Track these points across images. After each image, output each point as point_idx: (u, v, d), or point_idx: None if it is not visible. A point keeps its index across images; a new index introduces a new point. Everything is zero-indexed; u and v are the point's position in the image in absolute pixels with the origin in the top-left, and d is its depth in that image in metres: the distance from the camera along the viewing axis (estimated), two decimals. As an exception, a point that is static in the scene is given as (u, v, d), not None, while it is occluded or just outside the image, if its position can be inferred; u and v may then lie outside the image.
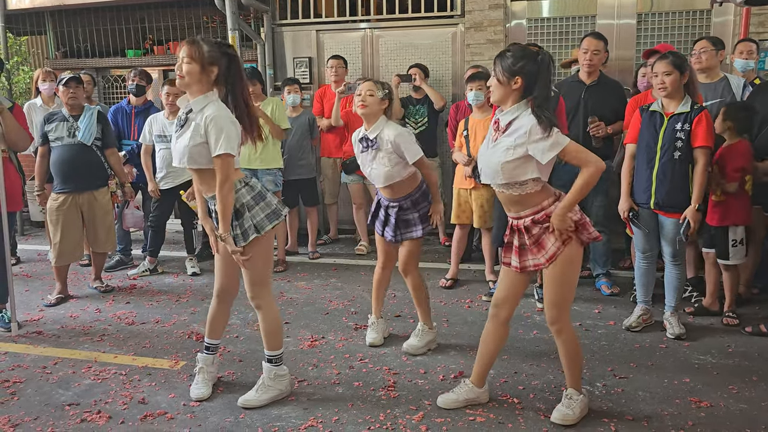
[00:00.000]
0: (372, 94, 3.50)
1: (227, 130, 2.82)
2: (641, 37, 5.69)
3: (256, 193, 2.99)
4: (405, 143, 3.46)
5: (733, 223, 3.91)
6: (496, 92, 2.76)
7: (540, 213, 2.76)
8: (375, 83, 3.55)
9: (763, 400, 3.08)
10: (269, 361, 3.12)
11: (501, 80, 2.71)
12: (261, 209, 2.97)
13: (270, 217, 2.98)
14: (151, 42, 7.67)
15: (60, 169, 4.63)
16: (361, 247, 5.93)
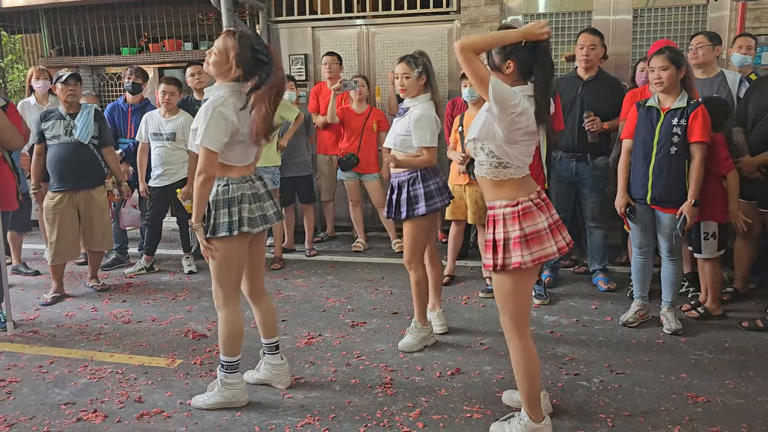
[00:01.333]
0: (408, 76, 3.50)
1: (213, 124, 2.76)
2: (638, 32, 5.68)
3: (252, 193, 2.96)
4: (418, 126, 3.46)
5: (708, 220, 3.90)
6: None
7: (490, 212, 2.60)
8: (408, 62, 3.50)
9: (760, 395, 3.08)
10: (221, 366, 3.05)
11: (492, 65, 2.55)
12: (249, 210, 2.92)
13: (251, 221, 2.93)
14: (146, 39, 7.65)
15: (56, 167, 4.61)
16: (358, 244, 5.92)
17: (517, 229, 2.51)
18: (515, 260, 2.49)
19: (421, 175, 3.56)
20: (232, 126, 2.81)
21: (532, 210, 2.55)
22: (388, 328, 4.00)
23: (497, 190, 2.59)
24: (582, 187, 4.64)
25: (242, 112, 2.85)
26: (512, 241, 2.51)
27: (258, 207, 2.98)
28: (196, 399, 3.09)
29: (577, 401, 3.05)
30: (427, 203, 3.53)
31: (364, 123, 5.71)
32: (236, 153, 2.91)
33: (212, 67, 2.87)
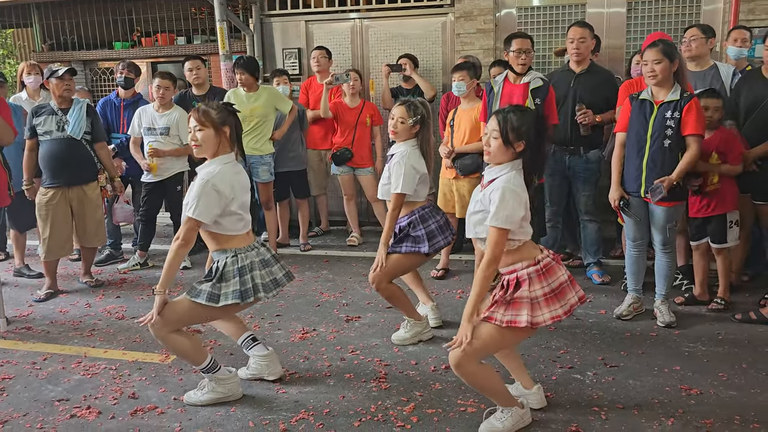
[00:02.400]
0: (403, 121, 3.53)
1: (204, 196, 2.84)
2: (631, 25, 5.67)
3: (260, 260, 3.00)
4: (400, 170, 3.48)
5: (730, 210, 3.95)
6: (497, 154, 2.63)
7: (512, 275, 2.63)
8: (408, 108, 3.54)
9: (753, 387, 3.10)
10: (203, 372, 3.06)
11: (506, 141, 2.59)
12: (260, 276, 2.97)
13: (265, 287, 2.98)
14: (139, 34, 7.61)
15: (49, 163, 4.58)
16: (352, 239, 5.91)
17: (545, 286, 2.60)
18: (551, 315, 2.57)
19: (419, 216, 3.57)
20: (226, 199, 2.88)
21: (552, 266, 2.64)
22: (383, 322, 4.00)
23: (512, 256, 2.64)
24: (575, 181, 4.64)
25: (237, 179, 2.95)
26: (542, 299, 2.58)
27: (268, 272, 3.03)
28: (189, 395, 3.09)
29: (571, 394, 3.06)
30: (430, 242, 3.54)
31: (357, 117, 5.69)
32: (237, 222, 2.97)
33: (204, 144, 2.92)
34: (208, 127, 2.91)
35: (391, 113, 3.60)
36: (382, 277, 3.56)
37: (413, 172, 3.50)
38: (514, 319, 2.56)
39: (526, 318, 2.55)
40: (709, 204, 3.97)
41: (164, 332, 2.92)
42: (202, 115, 2.92)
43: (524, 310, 2.56)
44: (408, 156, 3.50)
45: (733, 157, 3.88)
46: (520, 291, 2.59)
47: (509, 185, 2.56)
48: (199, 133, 2.91)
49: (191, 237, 2.90)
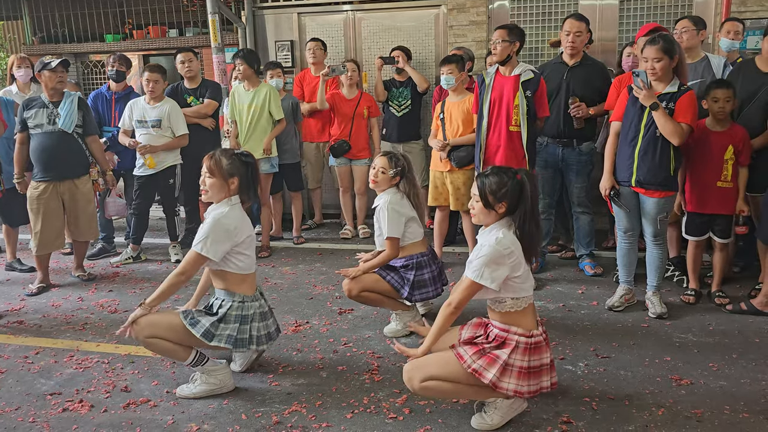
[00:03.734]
0: (384, 172, 3.64)
1: (213, 234, 2.94)
2: (624, 17, 5.67)
3: (260, 312, 3.09)
4: (384, 216, 3.58)
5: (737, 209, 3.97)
6: (481, 216, 2.69)
7: (503, 333, 2.64)
8: (389, 160, 3.65)
9: (743, 377, 3.12)
10: (191, 366, 3.08)
11: (486, 204, 2.64)
12: (257, 329, 3.05)
13: (258, 339, 3.06)
14: (131, 26, 7.56)
15: (40, 157, 4.56)
16: (346, 231, 5.91)
17: (526, 360, 2.60)
18: (515, 388, 2.58)
19: (416, 263, 3.63)
20: (233, 236, 2.97)
21: (541, 346, 2.65)
22: (375, 314, 4.01)
23: (511, 317, 2.67)
24: (568, 173, 4.65)
25: (243, 216, 3.07)
26: (516, 369, 2.59)
27: (264, 326, 3.11)
28: (182, 389, 3.09)
29: (563, 385, 3.07)
30: (416, 290, 3.61)
31: (354, 109, 5.68)
32: (245, 261, 3.06)
33: (210, 190, 3.03)
34: (216, 177, 3.01)
35: (373, 163, 3.71)
36: (354, 287, 3.61)
37: (397, 215, 3.59)
38: (481, 371, 2.58)
39: (491, 377, 2.57)
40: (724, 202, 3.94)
41: (143, 335, 2.95)
42: (213, 164, 3.02)
43: (494, 369, 2.58)
44: (389, 202, 3.60)
45: (745, 157, 3.89)
46: (501, 351, 2.61)
47: (496, 245, 2.59)
48: (208, 180, 3.02)
49: (192, 271, 3.00)
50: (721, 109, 3.84)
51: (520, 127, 4.14)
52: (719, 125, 3.90)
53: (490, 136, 4.24)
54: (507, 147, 4.16)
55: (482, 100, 4.25)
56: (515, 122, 4.14)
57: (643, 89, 3.62)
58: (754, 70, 4.09)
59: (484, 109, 4.23)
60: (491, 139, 4.23)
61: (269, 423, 2.82)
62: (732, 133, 3.89)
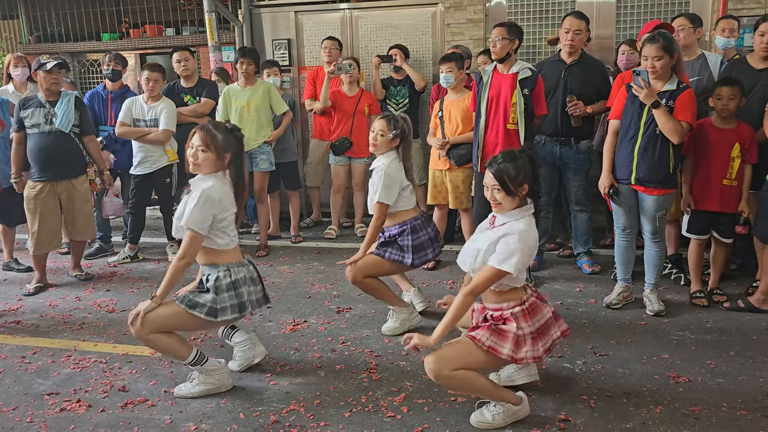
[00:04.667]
0: (383, 134, 3.59)
1: (199, 208, 2.88)
2: (621, 15, 5.67)
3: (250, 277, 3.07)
4: (378, 179, 3.55)
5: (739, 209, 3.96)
6: (507, 205, 2.66)
7: (498, 312, 2.69)
8: (388, 122, 3.60)
9: (740, 375, 3.13)
10: (190, 366, 3.07)
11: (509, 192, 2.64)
12: (248, 293, 3.03)
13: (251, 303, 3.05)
14: (127, 25, 7.56)
15: (37, 157, 4.55)
16: (330, 231, 5.89)
17: (531, 324, 2.65)
18: (533, 354, 2.62)
19: (411, 227, 3.61)
20: (218, 207, 2.92)
21: (537, 304, 2.69)
22: (374, 313, 4.00)
23: (500, 296, 2.70)
24: (566, 171, 4.65)
25: (228, 191, 3.00)
26: (529, 336, 2.63)
27: (255, 290, 3.09)
28: (179, 388, 3.08)
29: (561, 383, 3.08)
30: (416, 255, 3.59)
31: (355, 106, 5.67)
32: (224, 237, 3.00)
33: (203, 164, 2.95)
34: (211, 152, 2.94)
35: (372, 126, 3.67)
36: (358, 273, 3.60)
37: (392, 181, 3.56)
38: (496, 347, 2.61)
39: (507, 351, 2.60)
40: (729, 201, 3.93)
41: (145, 333, 2.93)
42: (209, 137, 2.93)
43: (508, 344, 2.60)
44: (387, 166, 3.57)
45: (752, 155, 3.88)
46: (508, 326, 2.63)
47: (529, 234, 2.61)
48: (201, 153, 2.94)
49: (192, 251, 2.93)
50: (725, 106, 3.82)
51: (517, 125, 4.13)
52: (725, 123, 3.88)
53: (487, 134, 4.24)
54: (505, 145, 4.15)
55: (480, 98, 4.24)
56: (513, 120, 4.13)
57: (644, 88, 3.62)
58: (747, 67, 4.09)
59: (482, 107, 4.23)
60: (489, 137, 4.23)
61: (267, 422, 2.82)
62: (739, 131, 3.87)
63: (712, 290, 4.08)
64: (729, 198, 3.93)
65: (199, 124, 5.23)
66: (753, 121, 3.96)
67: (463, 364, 2.63)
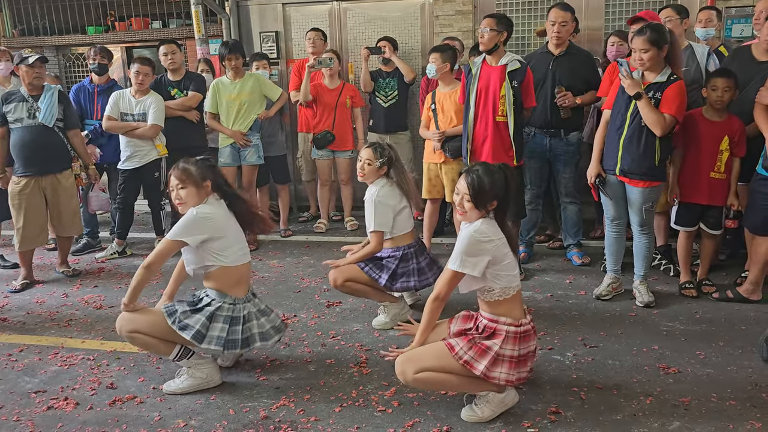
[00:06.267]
0: (370, 163, 3.61)
1: (186, 221, 2.94)
2: (610, 6, 5.66)
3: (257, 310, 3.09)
4: (370, 209, 3.57)
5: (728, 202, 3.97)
6: (472, 215, 2.68)
7: (492, 324, 2.65)
8: (374, 151, 3.62)
9: (729, 365, 3.14)
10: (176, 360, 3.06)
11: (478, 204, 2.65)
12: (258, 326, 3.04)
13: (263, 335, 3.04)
14: (113, 18, 7.46)
15: (21, 152, 4.49)
16: (319, 225, 5.86)
17: (516, 349, 2.62)
18: (506, 378, 2.60)
19: (402, 255, 3.61)
20: (214, 226, 2.96)
21: (529, 334, 2.67)
22: (364, 307, 3.99)
23: (500, 307, 2.67)
24: (556, 163, 4.64)
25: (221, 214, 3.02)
26: (507, 359, 2.60)
27: (267, 320, 3.10)
28: (168, 384, 3.06)
29: (551, 375, 3.08)
30: (395, 280, 3.59)
31: (337, 99, 5.64)
32: (237, 252, 3.04)
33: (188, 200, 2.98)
34: (191, 185, 2.97)
35: (360, 155, 3.68)
36: (338, 277, 3.60)
37: (383, 208, 3.56)
38: (472, 362, 2.59)
39: (482, 368, 2.58)
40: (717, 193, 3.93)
41: (128, 329, 2.94)
42: (183, 173, 2.98)
43: (485, 361, 2.58)
44: (377, 194, 3.57)
45: (740, 149, 3.88)
46: (491, 342, 2.62)
47: (474, 233, 2.62)
48: (182, 191, 2.98)
49: (160, 259, 2.96)
50: (719, 98, 3.81)
51: (506, 117, 4.12)
52: (716, 115, 3.87)
53: (477, 127, 4.22)
54: (494, 137, 4.14)
55: (469, 90, 4.23)
56: (502, 112, 4.12)
57: (627, 78, 3.61)
58: (749, 58, 4.04)
59: (471, 100, 4.21)
60: (478, 130, 4.21)
61: (257, 418, 2.80)
62: (729, 124, 3.86)
63: (701, 281, 4.09)
64: (717, 191, 3.92)
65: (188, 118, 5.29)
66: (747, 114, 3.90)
67: (433, 368, 2.62)
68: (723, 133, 3.84)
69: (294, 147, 6.23)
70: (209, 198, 3.04)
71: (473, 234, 2.62)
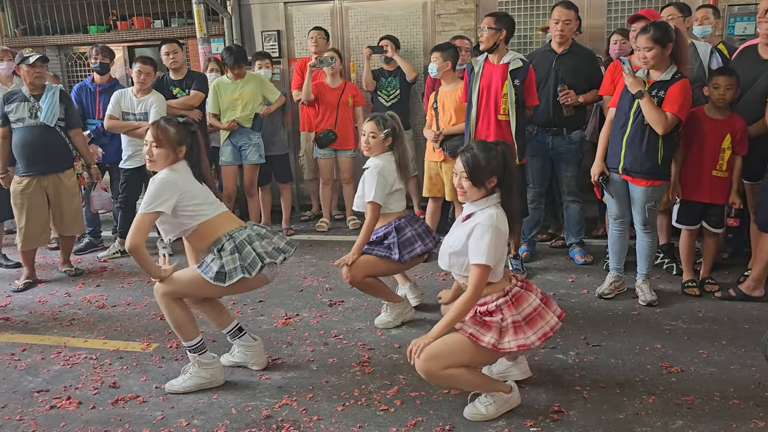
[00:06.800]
0: (374, 135, 3.55)
1: (154, 190, 2.88)
2: (612, 4, 5.65)
3: (257, 233, 3.05)
4: (371, 178, 3.51)
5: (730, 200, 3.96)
6: (471, 194, 2.67)
7: (483, 306, 2.65)
8: (377, 123, 3.56)
9: (732, 364, 3.13)
10: (188, 350, 3.05)
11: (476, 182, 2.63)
12: (261, 246, 2.99)
13: (269, 254, 3.00)
14: (115, 17, 7.47)
15: (23, 151, 4.49)
16: (321, 224, 5.86)
17: (515, 313, 2.62)
18: (517, 343, 2.57)
19: (395, 227, 3.58)
20: (180, 186, 2.91)
21: (521, 294, 2.66)
22: (366, 306, 3.99)
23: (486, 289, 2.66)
24: (558, 162, 4.64)
25: (183, 177, 2.96)
26: (511, 326, 2.60)
27: (268, 242, 3.04)
28: (171, 384, 3.06)
29: (554, 374, 3.08)
30: (405, 250, 3.54)
31: (339, 98, 5.63)
32: (208, 208, 2.99)
33: (158, 161, 2.95)
34: (164, 147, 2.93)
35: (362, 129, 3.63)
36: (356, 273, 3.56)
37: (384, 181, 3.53)
38: (478, 335, 2.59)
39: (489, 339, 2.57)
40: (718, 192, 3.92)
41: (165, 295, 2.94)
42: (160, 133, 2.93)
43: (490, 333, 2.58)
44: (381, 167, 3.54)
45: (742, 147, 3.86)
46: (494, 317, 2.62)
47: (493, 222, 2.59)
48: (155, 149, 2.93)
49: (138, 234, 2.90)
50: (721, 96, 3.79)
51: (508, 116, 4.11)
52: (719, 113, 3.85)
53: (479, 125, 4.21)
54: (496, 136, 4.13)
55: (471, 88, 4.22)
56: (503, 111, 4.11)
57: (629, 76, 3.61)
58: (755, 56, 4.01)
59: (473, 98, 4.21)
60: (480, 128, 4.21)
61: (260, 417, 2.80)
62: (731, 122, 3.84)
63: (703, 279, 4.08)
64: (719, 189, 3.91)
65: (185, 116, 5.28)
66: (755, 111, 3.90)
67: (452, 360, 2.61)
68: (725, 131, 3.83)
69: (296, 146, 6.22)
70: (178, 164, 2.98)
71: (497, 226, 2.58)
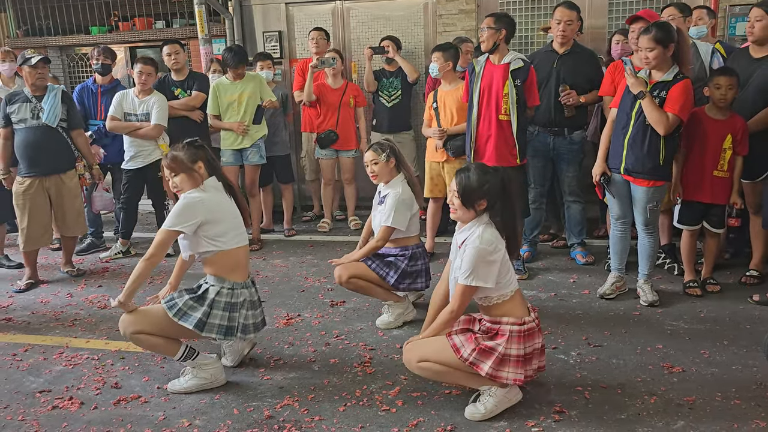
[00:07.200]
0: (376, 162, 3.59)
1: (179, 209, 2.93)
2: (614, 4, 5.65)
3: (251, 300, 3.08)
4: (391, 204, 3.54)
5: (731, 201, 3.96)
6: (461, 214, 2.70)
7: (495, 325, 2.66)
8: (374, 150, 3.60)
9: (734, 364, 3.13)
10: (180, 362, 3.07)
11: (465, 202, 2.66)
12: (245, 317, 3.02)
13: (245, 328, 3.03)
14: (117, 18, 7.48)
15: (25, 152, 4.50)
16: (323, 224, 5.86)
17: (521, 348, 2.63)
18: (514, 377, 2.62)
19: (411, 254, 3.64)
20: (206, 207, 2.95)
21: (534, 332, 2.67)
22: (368, 306, 3.99)
23: (500, 309, 2.69)
24: (560, 162, 4.64)
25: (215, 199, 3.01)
26: (513, 358, 2.62)
27: (253, 315, 3.08)
28: (173, 384, 3.06)
29: (555, 375, 3.07)
30: (404, 279, 3.62)
31: (340, 98, 5.64)
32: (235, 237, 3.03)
33: (182, 186, 3.00)
34: (182, 171, 2.98)
35: (364, 161, 3.67)
36: (343, 273, 3.60)
37: (405, 208, 3.56)
38: (478, 363, 2.61)
39: (487, 369, 2.59)
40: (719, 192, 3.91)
41: (131, 331, 2.94)
42: (171, 162, 2.99)
43: (490, 361, 2.60)
44: (402, 194, 3.57)
45: (742, 147, 3.86)
46: (495, 342, 2.62)
47: (480, 245, 2.60)
48: (176, 179, 2.99)
49: (161, 250, 2.95)
50: (722, 96, 3.78)
51: (509, 116, 4.11)
52: (720, 113, 3.85)
53: (480, 126, 4.21)
54: (497, 136, 4.14)
55: (472, 88, 4.22)
56: (505, 111, 4.11)
57: (630, 77, 3.61)
58: (747, 57, 4.06)
59: (474, 98, 4.21)
60: (482, 129, 4.21)
61: (261, 417, 2.80)
62: (732, 123, 3.84)
63: (705, 280, 4.08)
64: (720, 189, 3.91)
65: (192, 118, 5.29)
66: (749, 109, 3.92)
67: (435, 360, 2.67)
68: (726, 132, 3.83)
69: (298, 146, 6.23)
70: (206, 182, 3.03)
71: (480, 247, 2.60)
